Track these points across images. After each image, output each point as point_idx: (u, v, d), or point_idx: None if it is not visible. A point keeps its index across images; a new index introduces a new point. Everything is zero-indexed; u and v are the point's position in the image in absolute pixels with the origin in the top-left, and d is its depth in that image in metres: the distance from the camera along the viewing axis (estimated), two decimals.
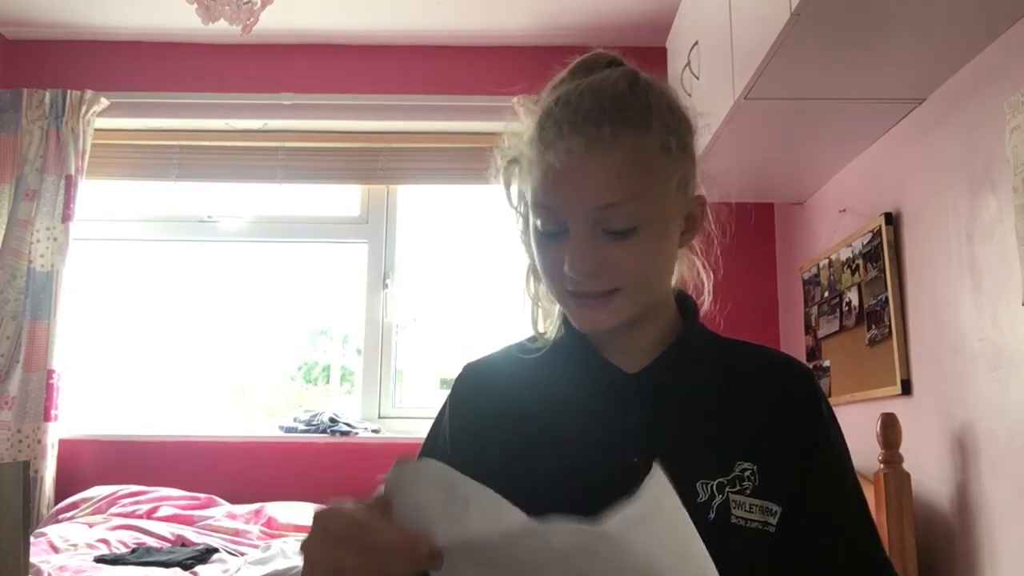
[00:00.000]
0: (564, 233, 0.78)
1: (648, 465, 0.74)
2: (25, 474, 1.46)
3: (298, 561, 2.05)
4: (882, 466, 1.82)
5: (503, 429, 0.86)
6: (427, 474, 0.60)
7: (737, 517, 0.76)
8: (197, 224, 3.18)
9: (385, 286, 3.11)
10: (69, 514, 2.54)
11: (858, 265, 2.31)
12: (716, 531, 0.74)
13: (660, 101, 0.81)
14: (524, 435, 0.85)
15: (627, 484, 0.73)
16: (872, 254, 2.22)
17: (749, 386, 0.85)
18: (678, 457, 0.76)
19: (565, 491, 0.80)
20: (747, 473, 0.78)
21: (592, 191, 0.76)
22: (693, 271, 0.93)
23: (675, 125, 0.81)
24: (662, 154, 0.79)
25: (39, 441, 2.71)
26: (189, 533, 2.41)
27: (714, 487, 0.77)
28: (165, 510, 2.53)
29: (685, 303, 0.91)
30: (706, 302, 0.92)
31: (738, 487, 0.77)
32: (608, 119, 0.77)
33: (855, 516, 0.85)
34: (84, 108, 2.92)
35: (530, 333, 0.93)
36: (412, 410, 3.02)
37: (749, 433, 0.81)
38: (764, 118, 2.11)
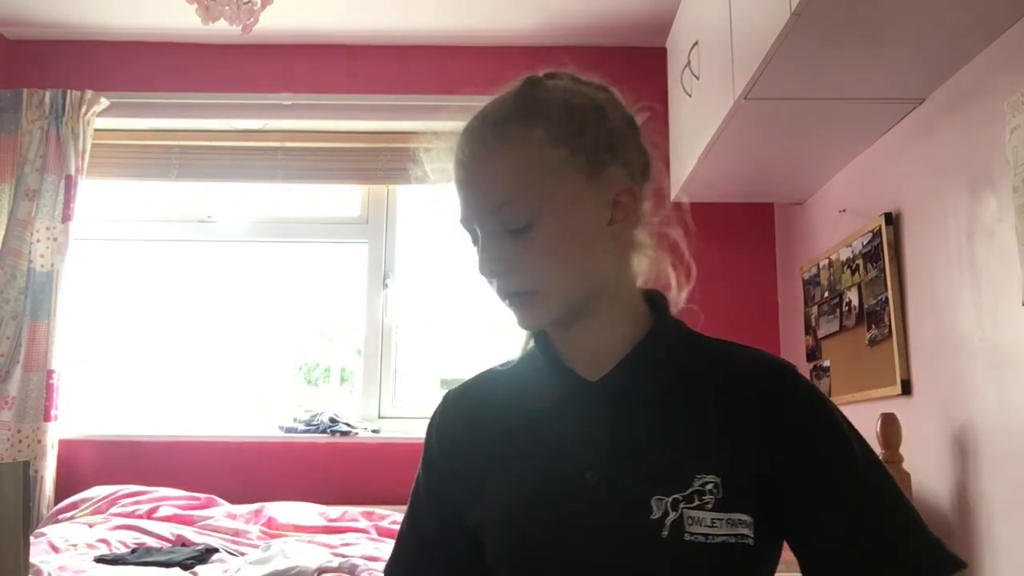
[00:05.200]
0: (479, 242, 0.82)
1: (604, 482, 0.76)
2: (25, 474, 1.45)
3: (298, 561, 2.06)
4: None
5: (471, 450, 0.86)
6: None
7: (693, 534, 0.71)
8: (197, 224, 3.18)
9: (385, 286, 3.11)
10: (69, 514, 2.54)
11: (858, 265, 2.31)
12: (668, 549, 0.71)
13: (554, 95, 0.82)
14: (488, 453, 0.84)
15: (582, 501, 0.76)
16: (872, 254, 2.22)
17: (721, 388, 0.80)
18: (635, 472, 0.75)
19: (520, 513, 0.79)
20: (709, 487, 0.73)
21: (482, 193, 0.81)
22: (664, 268, 0.90)
23: (571, 116, 0.80)
24: (553, 146, 0.79)
25: (39, 441, 2.71)
26: (189, 533, 2.41)
27: (668, 503, 0.73)
28: (165, 510, 2.53)
29: (655, 302, 0.87)
30: (680, 300, 0.89)
31: (696, 502, 0.72)
32: (491, 122, 0.83)
33: (878, 502, 0.77)
34: (84, 108, 2.92)
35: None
36: (412, 410, 3.02)
37: (716, 441, 0.76)
38: (764, 118, 2.11)
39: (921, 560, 0.75)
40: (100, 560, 2.14)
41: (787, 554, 0.81)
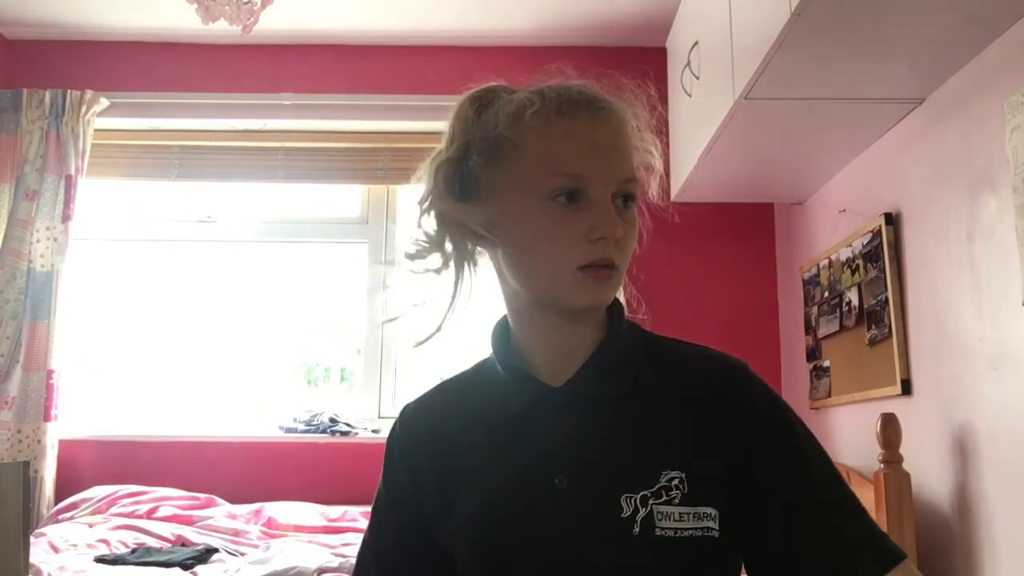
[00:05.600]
0: (579, 204, 0.78)
1: (574, 485, 0.77)
2: (25, 474, 1.45)
3: (298, 561, 2.06)
4: (882, 466, 1.82)
5: (436, 464, 0.85)
6: None
7: (663, 529, 0.73)
8: (197, 224, 3.18)
9: (385, 286, 3.11)
10: (69, 514, 2.54)
11: (858, 265, 2.31)
12: (642, 545, 0.73)
13: (627, 95, 0.86)
14: (455, 466, 0.84)
15: (554, 507, 0.77)
16: (872, 254, 2.22)
17: (678, 388, 0.82)
18: (602, 472, 0.77)
19: (492, 523, 0.79)
20: (675, 482, 0.75)
21: (618, 162, 0.80)
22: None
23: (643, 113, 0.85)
24: (639, 139, 0.84)
25: (39, 441, 2.71)
26: (189, 533, 2.41)
27: (637, 500, 0.74)
28: (165, 510, 2.53)
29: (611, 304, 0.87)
30: (624, 301, 0.90)
31: (664, 497, 0.74)
32: (610, 100, 0.82)
33: (824, 496, 0.79)
34: (84, 108, 2.92)
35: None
36: None
37: (678, 438, 0.78)
38: (764, 118, 2.11)
39: (860, 551, 0.76)
40: (100, 560, 2.14)
41: None
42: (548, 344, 0.84)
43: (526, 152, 0.79)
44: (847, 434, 2.40)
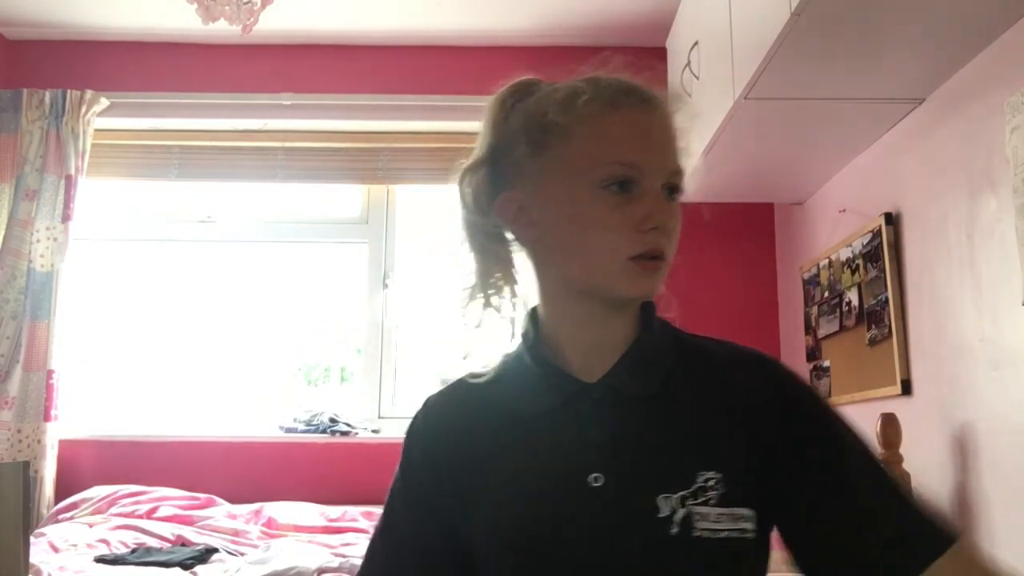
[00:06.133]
0: (630, 194, 0.77)
1: (610, 484, 0.75)
2: (25, 474, 1.45)
3: (298, 561, 2.06)
4: None
5: (461, 459, 0.83)
6: None
7: (701, 530, 0.72)
8: (197, 224, 3.18)
9: (385, 286, 3.12)
10: (69, 514, 2.54)
11: (858, 265, 2.31)
12: (679, 546, 0.72)
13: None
14: (481, 462, 0.82)
15: (587, 506, 0.75)
16: (872, 254, 2.22)
17: (711, 385, 0.81)
18: (639, 471, 0.76)
19: (523, 520, 0.77)
20: (711, 482, 0.74)
21: (671, 153, 0.80)
22: None
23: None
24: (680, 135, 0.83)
25: (39, 441, 2.71)
26: (189, 533, 2.41)
27: (675, 501, 0.73)
28: (165, 510, 2.53)
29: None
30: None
31: (701, 498, 0.73)
32: (659, 93, 0.82)
33: (869, 480, 0.77)
34: (84, 108, 2.92)
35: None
36: (412, 410, 3.01)
37: (714, 438, 0.77)
38: (764, 118, 2.11)
39: (913, 535, 0.74)
40: (100, 560, 2.14)
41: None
42: (583, 337, 0.82)
43: (576, 139, 0.78)
44: None
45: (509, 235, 0.85)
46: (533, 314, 0.87)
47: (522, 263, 0.86)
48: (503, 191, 0.83)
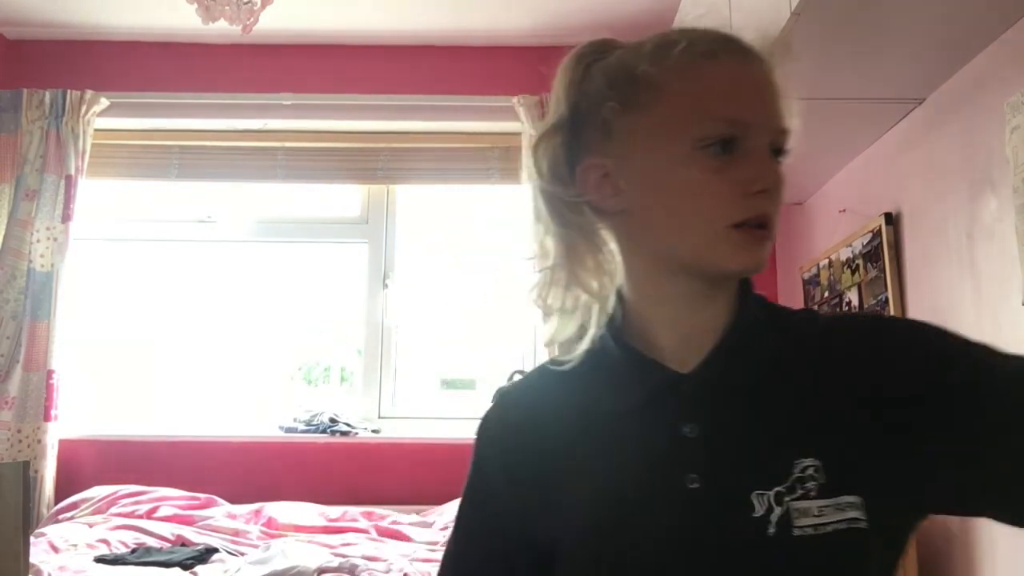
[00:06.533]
0: (733, 154, 0.69)
1: (707, 485, 0.67)
2: (25, 474, 1.45)
3: (298, 561, 2.06)
4: None
5: (538, 456, 0.75)
6: None
7: (802, 527, 0.64)
8: (197, 224, 3.18)
9: (385, 286, 3.12)
10: (69, 514, 2.54)
11: (858, 265, 2.31)
12: (779, 548, 0.64)
13: None
14: (562, 458, 0.74)
15: (684, 508, 0.68)
16: (872, 254, 2.22)
17: (810, 365, 0.71)
18: (736, 469, 0.68)
19: (612, 525, 0.70)
20: (809, 471, 0.66)
21: (777, 111, 0.72)
22: None
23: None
24: None
25: (39, 441, 2.71)
26: (189, 533, 2.41)
27: (771, 498, 0.65)
28: (165, 510, 2.53)
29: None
30: None
31: (800, 491, 0.65)
32: (760, 43, 0.75)
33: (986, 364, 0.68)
34: (84, 108, 2.92)
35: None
36: (412, 410, 3.02)
37: (809, 419, 0.69)
38: None
39: None
40: (100, 560, 2.14)
41: None
42: (678, 322, 0.74)
43: (671, 95, 0.70)
44: None
45: (590, 207, 0.75)
46: (618, 296, 0.77)
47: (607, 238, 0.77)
48: (585, 157, 0.74)
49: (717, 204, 0.68)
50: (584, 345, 0.76)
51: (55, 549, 2.21)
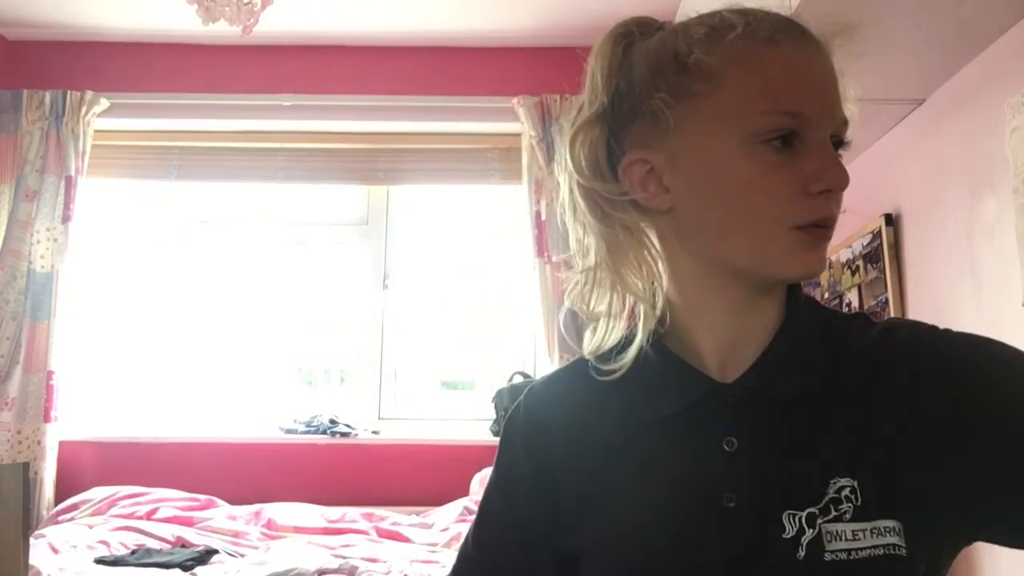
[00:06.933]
0: (794, 149, 0.64)
1: (744, 503, 0.64)
2: (25, 475, 1.45)
3: (297, 562, 2.05)
4: None
5: (569, 459, 0.72)
6: None
7: (835, 552, 0.60)
8: (197, 225, 3.18)
9: (385, 286, 3.11)
10: (69, 515, 2.54)
11: (858, 266, 2.31)
12: (807, 572, 0.61)
13: None
14: (593, 464, 0.71)
15: (720, 526, 0.64)
16: (872, 255, 2.22)
17: (855, 376, 0.67)
18: (770, 487, 0.64)
19: (646, 540, 0.67)
20: (844, 492, 0.62)
21: (837, 100, 0.67)
22: None
23: None
24: None
25: (39, 442, 2.71)
26: (189, 534, 2.41)
27: (803, 519, 0.62)
28: (165, 511, 2.53)
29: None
30: None
31: (833, 513, 0.61)
32: (817, 28, 0.70)
33: None
34: (84, 109, 2.92)
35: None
36: (412, 411, 3.02)
37: (849, 438, 0.64)
38: None
39: None
40: (100, 561, 2.14)
41: None
42: (724, 328, 0.69)
43: (727, 85, 0.64)
44: None
45: (634, 204, 0.70)
46: (662, 300, 0.73)
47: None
48: (629, 151, 0.69)
49: (779, 203, 0.64)
50: (632, 352, 0.71)
51: (55, 550, 2.21)
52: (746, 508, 0.64)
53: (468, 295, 3.23)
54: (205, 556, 2.24)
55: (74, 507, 2.57)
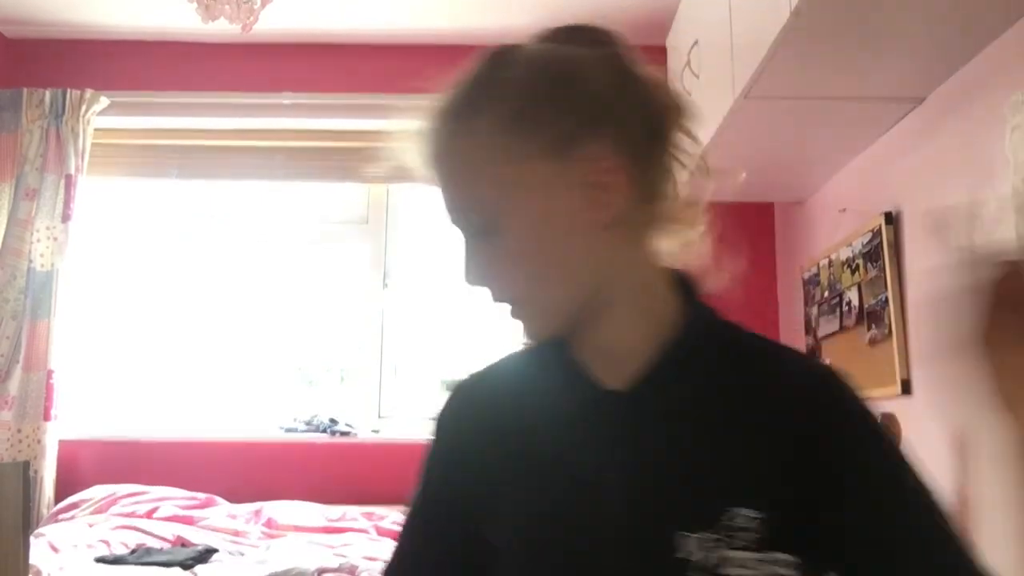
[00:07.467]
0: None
1: (626, 512, 0.65)
2: (25, 474, 1.46)
3: (298, 561, 2.06)
4: None
5: (487, 451, 0.75)
6: None
7: None
8: (197, 224, 3.18)
9: (385, 285, 3.11)
10: (69, 514, 2.54)
11: (858, 265, 2.31)
12: None
13: (514, 71, 0.74)
14: (505, 456, 0.73)
15: (604, 531, 0.66)
16: (872, 254, 2.22)
17: (759, 403, 0.68)
18: (658, 502, 0.66)
19: (529, 543, 0.70)
20: (741, 521, 0.63)
21: (449, 196, 0.72)
22: (690, 248, 0.75)
23: (530, 90, 0.71)
24: (505, 132, 0.69)
25: (39, 441, 2.71)
26: (189, 533, 2.41)
27: (695, 542, 0.63)
28: (165, 510, 2.53)
29: (686, 288, 0.73)
30: (718, 281, 0.75)
31: (728, 540, 0.62)
32: (443, 115, 0.75)
33: (926, 538, 0.72)
34: (84, 107, 2.92)
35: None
36: (412, 410, 3.02)
37: (751, 467, 0.66)
38: (764, 118, 2.11)
39: None
40: (100, 560, 2.14)
41: None
42: (586, 341, 0.72)
43: None
44: None
45: None
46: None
47: None
48: None
49: None
50: (531, 348, 0.77)
51: (55, 549, 2.21)
52: (628, 515, 0.66)
53: (468, 294, 3.22)
54: (205, 555, 2.24)
55: (74, 506, 2.57)
